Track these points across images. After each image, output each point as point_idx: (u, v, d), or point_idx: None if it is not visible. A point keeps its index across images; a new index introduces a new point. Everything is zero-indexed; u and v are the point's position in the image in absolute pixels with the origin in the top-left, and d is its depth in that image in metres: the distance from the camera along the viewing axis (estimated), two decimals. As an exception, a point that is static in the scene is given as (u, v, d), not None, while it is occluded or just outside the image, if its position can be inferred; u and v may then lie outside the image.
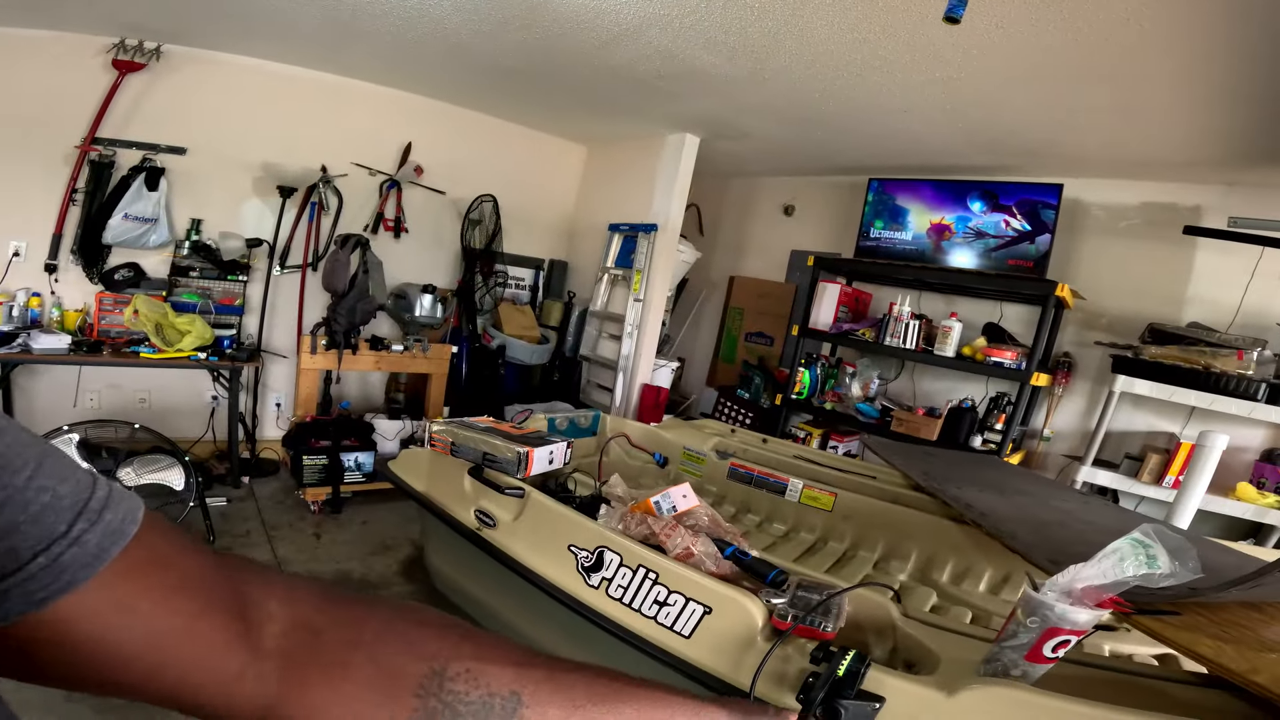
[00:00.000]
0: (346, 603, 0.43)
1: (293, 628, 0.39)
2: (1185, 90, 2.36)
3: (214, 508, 3.24)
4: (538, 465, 1.79)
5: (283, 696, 0.38)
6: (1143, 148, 3.05)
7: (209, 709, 0.36)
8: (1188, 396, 3.02)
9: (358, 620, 0.41)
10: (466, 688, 0.40)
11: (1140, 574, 1.02)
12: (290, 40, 3.37)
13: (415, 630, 0.42)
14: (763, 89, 3.12)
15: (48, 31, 3.12)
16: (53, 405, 3.39)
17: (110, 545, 0.32)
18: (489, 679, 0.40)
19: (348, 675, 0.39)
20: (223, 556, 0.40)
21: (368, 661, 0.39)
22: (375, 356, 3.85)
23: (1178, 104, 2.50)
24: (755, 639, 1.19)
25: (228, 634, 0.36)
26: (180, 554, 0.37)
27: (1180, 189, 3.40)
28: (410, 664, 0.40)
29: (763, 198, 5.19)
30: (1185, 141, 2.88)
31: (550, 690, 0.42)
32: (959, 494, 2.14)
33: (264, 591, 0.40)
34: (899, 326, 3.77)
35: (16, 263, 3.24)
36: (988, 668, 1.14)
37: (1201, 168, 3.18)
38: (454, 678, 0.40)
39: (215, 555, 0.40)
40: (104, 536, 0.32)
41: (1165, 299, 3.44)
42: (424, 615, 0.44)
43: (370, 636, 0.40)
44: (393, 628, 0.41)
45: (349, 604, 0.43)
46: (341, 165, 4.02)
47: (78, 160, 3.27)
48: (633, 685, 0.46)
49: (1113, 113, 2.69)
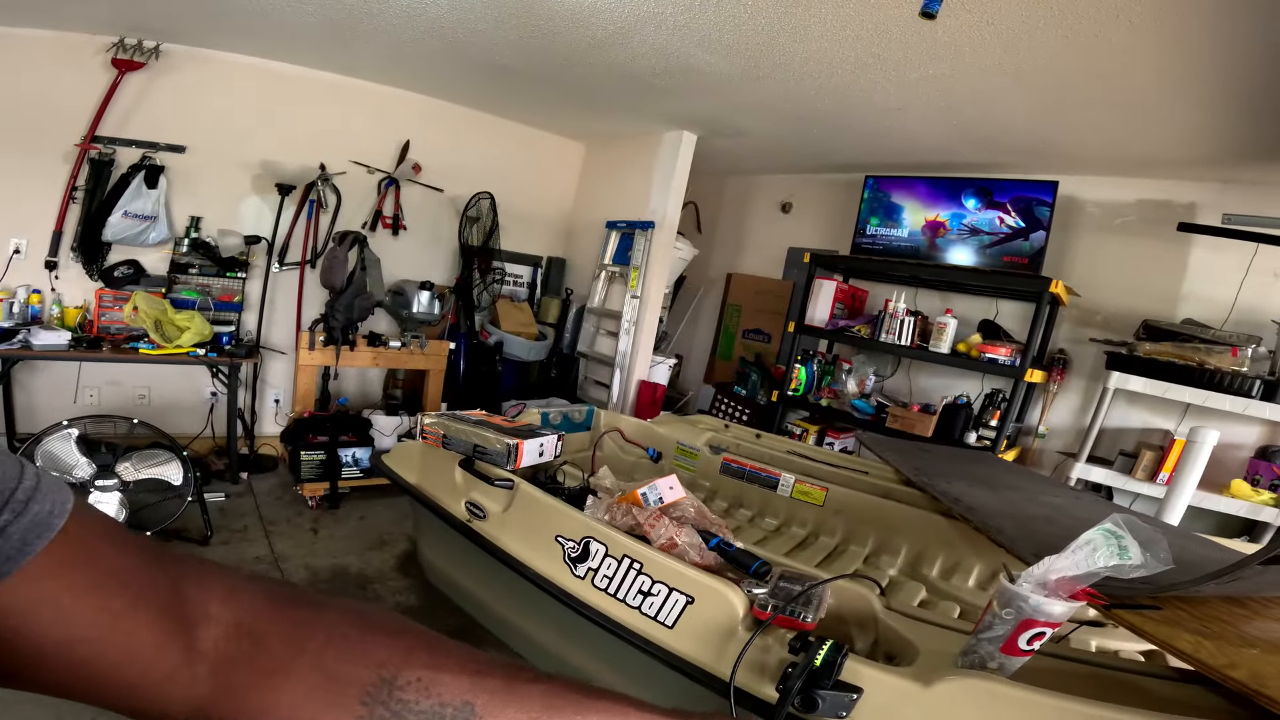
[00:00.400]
0: (295, 605, 0.41)
1: (233, 630, 0.38)
2: (1177, 87, 2.37)
3: (212, 503, 3.27)
4: (528, 457, 1.81)
5: (216, 701, 0.37)
6: (1137, 145, 3.06)
7: (139, 709, 0.35)
8: (1182, 393, 3.03)
9: (305, 624, 0.40)
10: (417, 696, 0.38)
11: (1111, 564, 1.03)
12: (288, 39, 3.38)
13: (366, 636, 0.40)
14: (758, 87, 3.13)
15: (48, 31, 3.14)
16: (53, 401, 3.43)
17: (35, 539, 0.31)
18: (441, 688, 0.39)
19: (289, 681, 0.38)
20: (162, 552, 0.39)
21: (312, 668, 0.38)
22: (373, 353, 3.87)
23: (1170, 101, 2.50)
24: (736, 629, 1.21)
25: (158, 633, 0.35)
26: (112, 549, 0.36)
27: (1175, 186, 3.40)
28: (358, 671, 0.38)
29: (760, 195, 5.19)
30: (1180, 139, 2.88)
31: (504, 701, 0.40)
32: (948, 488, 2.16)
33: (203, 591, 0.38)
34: (894, 323, 3.78)
35: (17, 260, 3.26)
36: (965, 660, 1.15)
37: (1197, 165, 3.18)
38: (404, 686, 0.38)
39: (152, 551, 0.38)
40: (29, 529, 0.31)
41: (1160, 296, 3.44)
42: (378, 620, 0.42)
43: (317, 643, 0.39)
44: (342, 633, 0.40)
45: (297, 606, 0.41)
46: (340, 163, 4.04)
47: (78, 158, 3.29)
48: (593, 697, 0.44)
49: (1106, 110, 2.70)
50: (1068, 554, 1.10)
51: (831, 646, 1.04)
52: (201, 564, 0.40)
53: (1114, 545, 1.07)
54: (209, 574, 0.40)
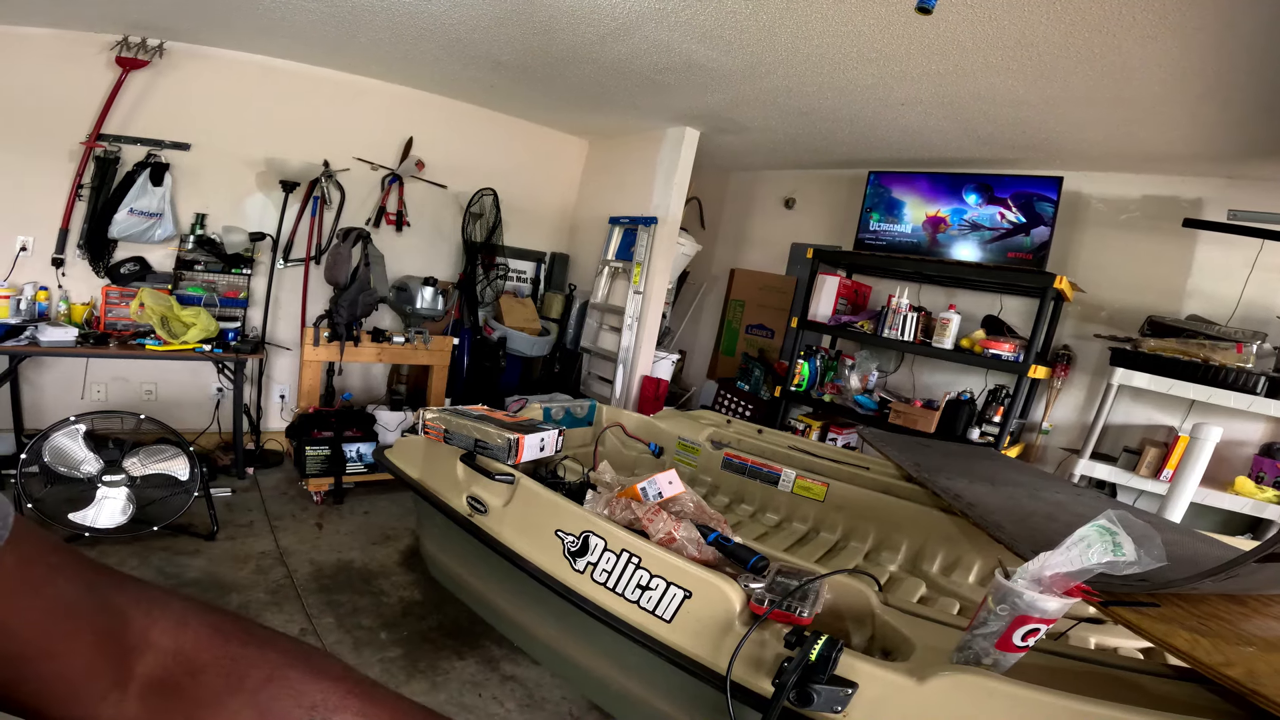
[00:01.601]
0: (241, 640, 0.41)
1: (173, 660, 0.38)
2: (1182, 83, 2.35)
3: (219, 498, 3.30)
4: (529, 452, 1.82)
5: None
6: (1143, 141, 3.04)
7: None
8: (1187, 390, 3.02)
9: (247, 660, 0.40)
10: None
11: (1104, 561, 1.03)
12: (291, 37, 3.39)
13: (305, 678, 0.40)
14: (759, 83, 3.12)
15: (51, 30, 3.15)
16: (60, 398, 3.46)
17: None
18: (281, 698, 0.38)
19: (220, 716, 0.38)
20: (111, 577, 0.39)
21: (247, 705, 0.38)
22: (377, 348, 3.88)
23: (1175, 97, 2.48)
24: (734, 623, 1.22)
25: (91, 658, 0.36)
26: (51, 572, 0.35)
27: (1182, 182, 3.38)
28: (292, 712, 0.38)
29: (764, 191, 5.18)
30: (1186, 135, 2.86)
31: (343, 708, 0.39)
32: (949, 484, 2.16)
33: (147, 619, 0.38)
34: (897, 318, 3.77)
35: (24, 257, 3.29)
36: (960, 656, 1.16)
37: (1203, 161, 3.15)
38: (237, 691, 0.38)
39: (94, 574, 0.38)
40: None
41: (1165, 292, 3.42)
42: (319, 663, 0.42)
43: (255, 680, 0.39)
44: (282, 673, 0.40)
45: (244, 642, 0.41)
46: (344, 160, 4.05)
47: (83, 156, 3.31)
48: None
49: (1110, 106, 2.68)
50: (1062, 550, 1.11)
51: (826, 641, 1.05)
52: (154, 592, 0.40)
53: (1108, 542, 1.08)
54: (159, 602, 0.40)
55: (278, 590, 2.60)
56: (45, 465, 2.70)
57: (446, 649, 2.33)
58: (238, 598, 2.50)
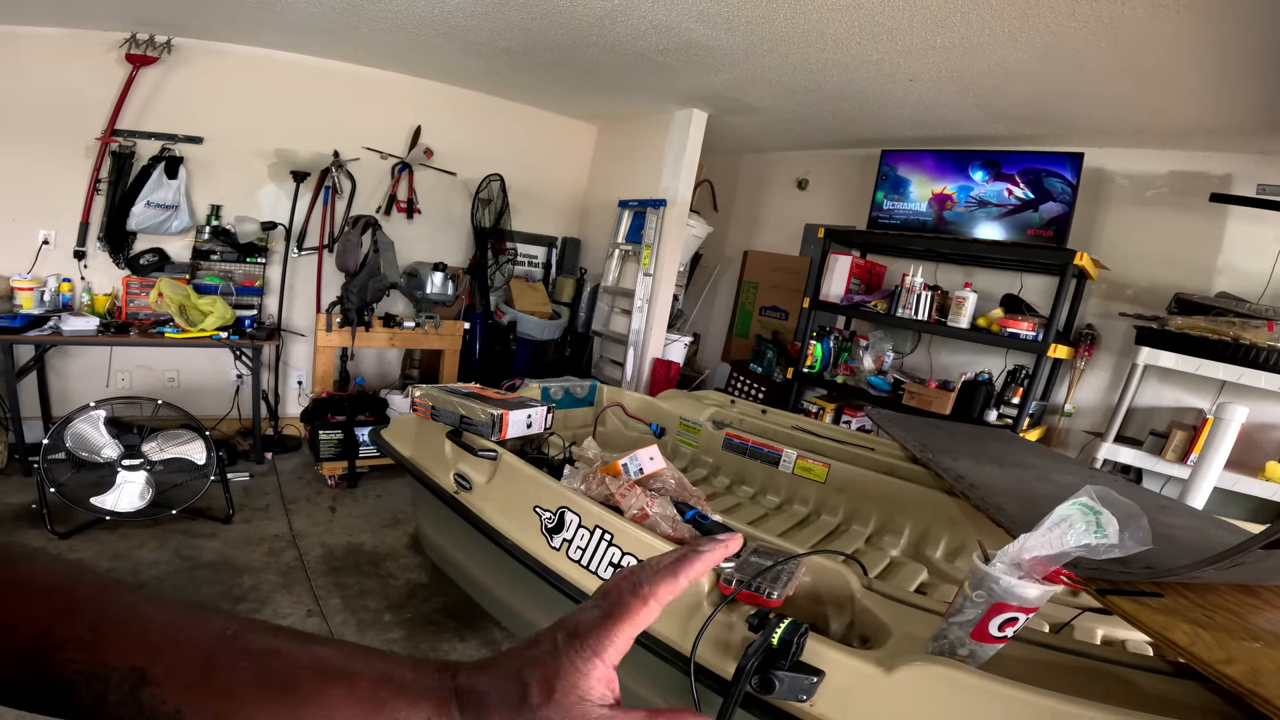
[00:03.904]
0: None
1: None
2: (1200, 55, 2.24)
3: (237, 483, 3.39)
4: (514, 428, 1.80)
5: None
6: (1166, 116, 2.91)
7: None
8: (1216, 369, 2.88)
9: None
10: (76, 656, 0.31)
11: (1083, 543, 0.97)
12: (294, 31, 3.42)
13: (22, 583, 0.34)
14: (762, 61, 3.05)
15: (62, 29, 3.23)
16: (86, 386, 3.58)
17: None
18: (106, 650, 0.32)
19: None
20: None
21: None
22: (389, 333, 3.93)
23: (1193, 70, 2.37)
24: (702, 604, 1.19)
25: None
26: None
27: (1210, 158, 3.23)
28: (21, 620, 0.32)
29: (775, 172, 5.09)
30: (1209, 109, 2.73)
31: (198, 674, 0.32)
32: (953, 465, 2.09)
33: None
34: (911, 298, 3.67)
35: (46, 250, 3.40)
36: (935, 645, 1.10)
37: (1231, 136, 3.01)
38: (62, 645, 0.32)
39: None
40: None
41: (1193, 269, 3.27)
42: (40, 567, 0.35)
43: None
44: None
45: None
46: (353, 150, 4.08)
47: (99, 151, 3.40)
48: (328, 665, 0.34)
49: (1128, 79, 2.56)
50: (1042, 531, 1.04)
51: (789, 625, 1.02)
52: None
53: (1091, 521, 1.01)
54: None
55: (288, 572, 2.67)
56: (69, 451, 2.80)
57: (449, 631, 2.37)
58: (249, 579, 2.57)
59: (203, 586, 2.48)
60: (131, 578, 2.46)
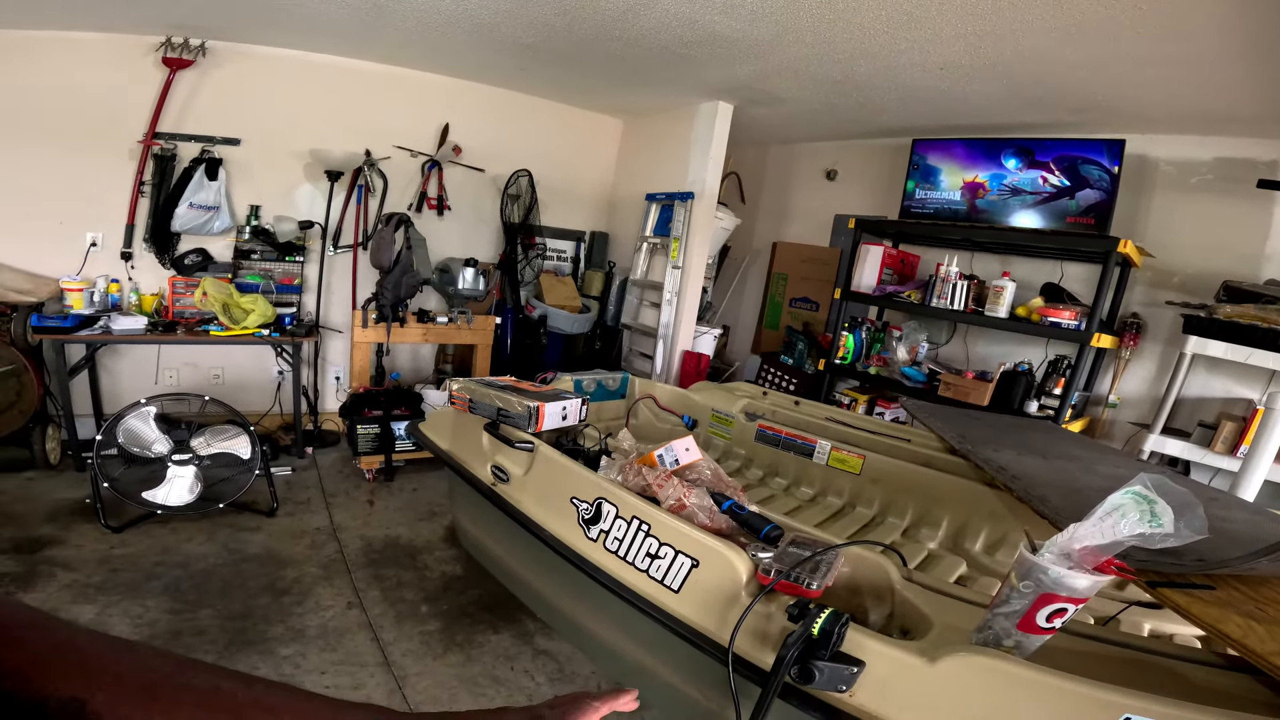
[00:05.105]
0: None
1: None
2: (1240, 40, 2.17)
3: (280, 477, 3.49)
4: (550, 420, 1.81)
5: None
6: (1208, 102, 2.82)
7: None
8: (1266, 359, 2.78)
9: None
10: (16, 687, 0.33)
11: (1138, 533, 0.94)
12: (323, 31, 3.47)
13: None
14: (788, 52, 3.01)
15: (99, 34, 3.33)
16: (135, 384, 3.71)
17: None
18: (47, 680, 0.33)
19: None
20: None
21: None
22: (422, 329, 3.99)
23: (1232, 56, 2.29)
24: (740, 594, 1.19)
25: None
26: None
27: (1258, 144, 3.12)
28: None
29: (804, 163, 5.03)
30: (1253, 95, 2.64)
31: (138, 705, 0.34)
32: (994, 456, 2.04)
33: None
34: (946, 287, 3.59)
35: (94, 251, 3.52)
36: (979, 636, 1.09)
37: (1277, 122, 2.90)
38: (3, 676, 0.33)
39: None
40: None
41: (1242, 256, 3.16)
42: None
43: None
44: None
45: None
46: (384, 148, 4.15)
47: (142, 155, 3.50)
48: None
49: (1166, 66, 2.49)
50: (1093, 520, 1.02)
51: (830, 615, 1.01)
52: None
53: (1145, 510, 0.98)
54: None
55: (329, 565, 2.73)
56: (120, 447, 2.91)
57: (483, 623, 2.40)
58: (293, 572, 2.64)
59: (249, 580, 2.55)
60: (181, 571, 2.55)
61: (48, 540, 2.66)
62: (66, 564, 2.52)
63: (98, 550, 2.64)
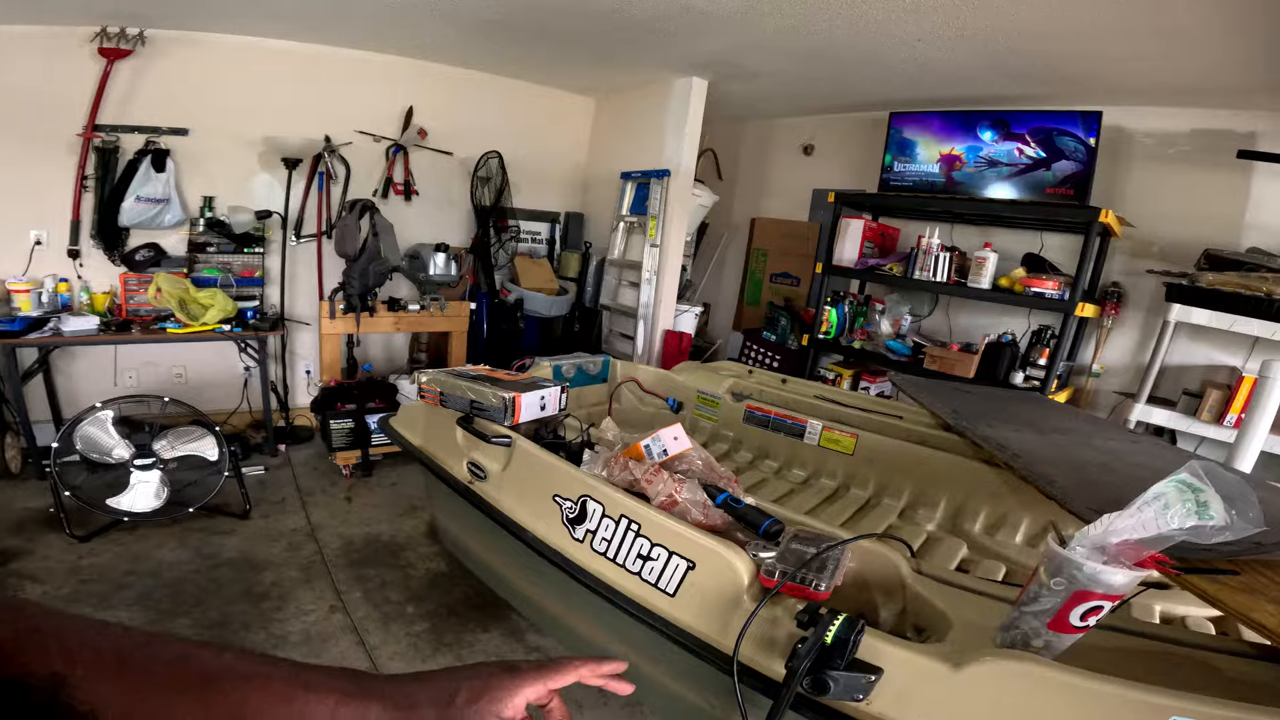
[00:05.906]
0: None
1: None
2: (1219, 11, 2.13)
3: (253, 476, 3.35)
4: (527, 411, 1.71)
5: None
6: (1185, 73, 2.81)
7: None
8: (1250, 326, 2.78)
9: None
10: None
11: (1189, 525, 0.87)
12: (269, 16, 3.28)
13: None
14: (763, 24, 2.90)
15: (31, 26, 3.10)
16: (93, 385, 3.53)
17: None
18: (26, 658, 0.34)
19: None
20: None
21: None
22: (394, 317, 3.85)
23: (1214, 27, 2.26)
24: (742, 598, 1.11)
25: None
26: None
27: (1234, 116, 3.12)
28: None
29: (781, 139, 4.94)
30: (1229, 66, 2.64)
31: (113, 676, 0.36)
32: (991, 433, 2.00)
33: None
34: (928, 259, 3.55)
35: (40, 250, 3.31)
36: (1005, 636, 1.02)
37: (1256, 94, 2.90)
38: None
39: None
40: None
41: (1222, 225, 3.17)
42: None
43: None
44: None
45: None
46: (345, 134, 3.96)
47: (83, 148, 3.29)
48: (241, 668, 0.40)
49: (1146, 37, 2.46)
50: (1133, 511, 0.94)
51: (844, 622, 0.94)
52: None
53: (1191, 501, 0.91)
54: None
55: (309, 567, 2.63)
56: (80, 454, 2.75)
57: (472, 621, 2.33)
58: (271, 575, 2.54)
59: (225, 586, 2.44)
60: (153, 580, 2.44)
61: (14, 553, 2.53)
62: (34, 576, 2.40)
63: (65, 561, 2.51)
